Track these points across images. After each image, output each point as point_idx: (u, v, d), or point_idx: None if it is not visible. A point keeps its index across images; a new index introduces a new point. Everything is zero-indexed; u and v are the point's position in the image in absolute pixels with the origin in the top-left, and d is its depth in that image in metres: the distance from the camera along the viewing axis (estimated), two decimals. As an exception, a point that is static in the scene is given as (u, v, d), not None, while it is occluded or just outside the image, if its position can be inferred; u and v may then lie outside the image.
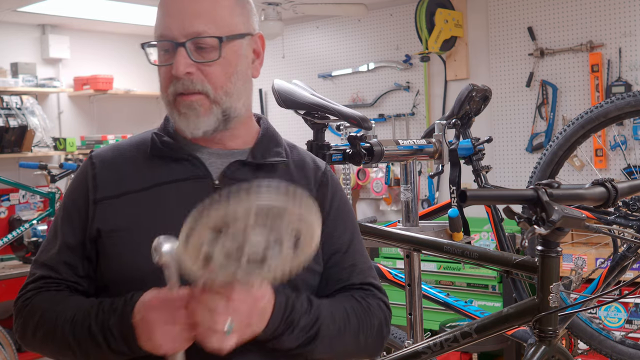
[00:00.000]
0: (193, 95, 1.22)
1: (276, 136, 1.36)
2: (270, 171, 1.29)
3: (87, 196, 1.25)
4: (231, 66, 1.24)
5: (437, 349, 1.67)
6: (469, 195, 1.40)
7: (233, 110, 1.25)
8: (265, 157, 1.29)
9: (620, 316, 3.28)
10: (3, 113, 4.59)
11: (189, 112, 1.23)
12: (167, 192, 1.24)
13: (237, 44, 1.25)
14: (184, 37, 1.20)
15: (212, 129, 1.24)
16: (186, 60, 1.20)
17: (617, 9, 3.77)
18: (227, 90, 1.24)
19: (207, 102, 1.23)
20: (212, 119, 1.23)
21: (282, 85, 2.02)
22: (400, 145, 1.91)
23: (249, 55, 1.29)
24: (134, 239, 1.20)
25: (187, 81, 1.21)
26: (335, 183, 1.37)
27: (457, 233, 1.93)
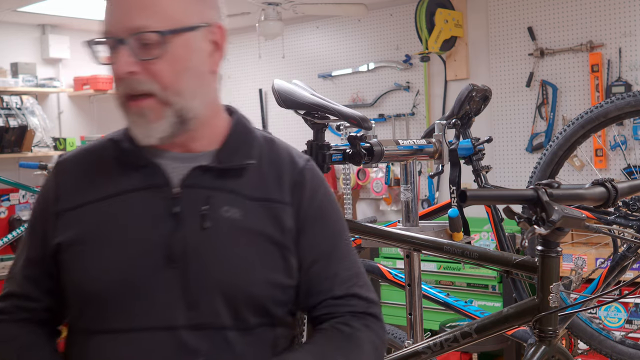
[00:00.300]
0: (142, 100, 1.12)
1: (248, 133, 1.24)
2: (237, 175, 1.18)
3: (48, 208, 1.19)
4: (181, 62, 1.13)
5: (437, 349, 1.67)
6: (469, 195, 1.40)
7: (188, 110, 1.14)
8: (232, 160, 1.18)
9: (620, 316, 3.28)
10: (3, 113, 4.59)
11: (139, 119, 1.13)
12: (124, 203, 1.15)
13: (188, 37, 1.14)
14: (126, 33, 1.10)
15: (167, 134, 1.14)
16: (128, 58, 1.10)
17: (617, 9, 3.77)
18: (177, 90, 1.13)
19: (157, 105, 1.12)
20: (165, 123, 1.13)
21: (282, 85, 2.01)
22: (400, 145, 1.91)
23: (205, 48, 1.17)
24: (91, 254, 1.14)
25: (132, 81, 1.11)
26: (316, 181, 1.25)
27: (457, 233, 1.93)
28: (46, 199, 1.21)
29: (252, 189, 1.18)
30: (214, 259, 1.13)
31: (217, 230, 1.13)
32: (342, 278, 1.21)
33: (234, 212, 1.15)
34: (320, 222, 1.22)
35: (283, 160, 1.23)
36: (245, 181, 1.18)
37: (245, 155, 1.20)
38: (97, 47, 1.16)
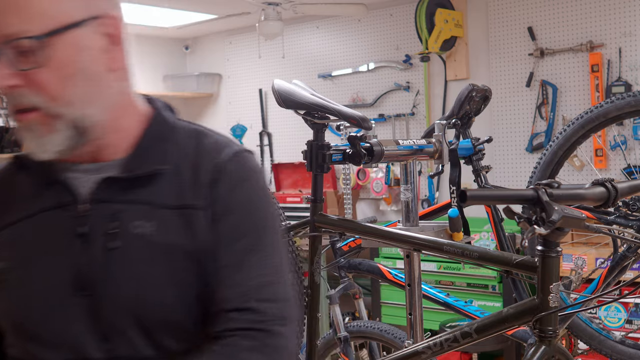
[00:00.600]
0: (27, 114, 0.99)
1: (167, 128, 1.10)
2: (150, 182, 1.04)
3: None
4: (68, 67, 0.98)
5: (437, 349, 1.67)
6: (469, 195, 1.40)
7: (84, 119, 1.01)
8: (143, 167, 1.05)
9: (620, 316, 3.27)
10: (3, 113, 4.59)
11: (28, 134, 1.01)
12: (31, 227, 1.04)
13: (73, 35, 0.98)
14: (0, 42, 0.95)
15: (64, 147, 1.01)
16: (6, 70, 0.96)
17: (617, 9, 3.77)
18: (67, 99, 0.99)
19: (45, 118, 0.99)
20: (59, 137, 1.00)
21: (282, 85, 2.02)
22: (400, 145, 1.91)
23: (97, 44, 1.01)
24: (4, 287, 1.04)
25: (15, 95, 0.98)
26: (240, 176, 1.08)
27: (457, 233, 1.93)
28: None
29: (168, 195, 1.05)
30: (124, 283, 1.01)
31: (126, 249, 1.02)
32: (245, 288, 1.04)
33: (146, 227, 1.02)
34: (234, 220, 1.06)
35: (205, 157, 1.08)
36: (160, 188, 1.05)
37: (160, 158, 1.06)
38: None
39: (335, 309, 2.48)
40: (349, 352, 2.44)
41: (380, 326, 2.50)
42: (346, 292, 2.53)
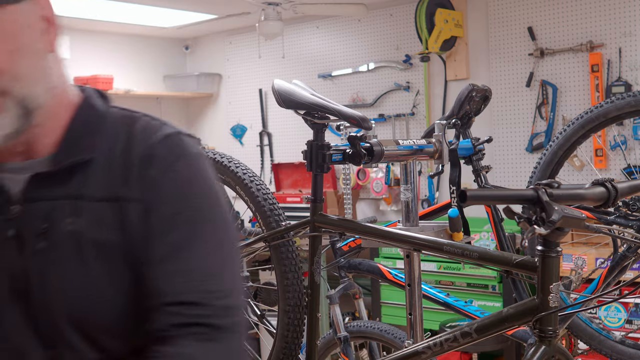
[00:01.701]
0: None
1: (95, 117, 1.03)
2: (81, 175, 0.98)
3: None
4: (12, 39, 0.93)
5: (437, 349, 1.67)
6: (469, 195, 1.40)
7: (32, 99, 0.95)
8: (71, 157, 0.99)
9: (620, 316, 3.28)
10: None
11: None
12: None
13: (12, 11, 0.93)
14: None
15: (12, 129, 0.95)
16: None
17: (617, 9, 3.77)
18: (14, 74, 0.93)
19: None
20: (7, 117, 0.94)
21: (282, 85, 2.02)
22: (400, 145, 1.91)
23: (36, 24, 0.97)
24: None
25: None
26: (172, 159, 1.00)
27: (457, 233, 1.93)
28: None
29: (99, 187, 0.99)
30: (56, 285, 0.96)
31: (58, 249, 0.96)
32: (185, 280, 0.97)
33: (78, 223, 0.97)
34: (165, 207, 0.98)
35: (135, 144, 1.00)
36: (91, 180, 0.99)
37: (87, 149, 1.00)
38: None
39: (335, 309, 2.48)
40: (349, 352, 2.44)
41: (380, 326, 2.50)
42: (346, 292, 2.53)
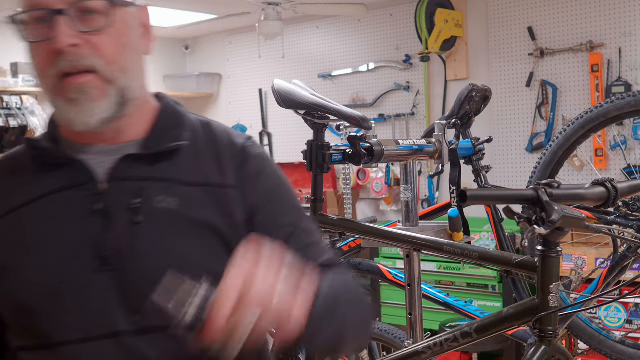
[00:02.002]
0: (82, 76, 1.02)
1: (178, 115, 1.15)
2: (170, 160, 1.09)
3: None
4: (123, 37, 1.05)
5: (437, 349, 1.67)
6: (469, 195, 1.40)
7: (130, 91, 1.06)
8: (161, 144, 1.09)
9: (620, 316, 3.28)
10: (3, 113, 4.59)
11: (80, 96, 1.02)
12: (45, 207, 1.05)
13: (126, 12, 1.06)
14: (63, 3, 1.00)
15: (109, 115, 1.04)
16: (69, 30, 1.00)
17: (617, 9, 3.77)
18: (121, 66, 1.04)
19: (100, 82, 1.02)
20: (107, 102, 1.04)
21: (282, 85, 2.02)
22: (400, 145, 1.91)
23: (137, 28, 1.10)
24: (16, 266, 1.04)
25: (72, 56, 1.00)
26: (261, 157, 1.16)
27: (457, 233, 1.93)
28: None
29: (188, 173, 1.09)
30: (151, 256, 1.04)
31: (152, 224, 1.05)
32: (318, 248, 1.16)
33: (170, 201, 1.06)
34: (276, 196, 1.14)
35: (221, 141, 1.14)
36: (180, 166, 1.09)
37: (176, 137, 1.11)
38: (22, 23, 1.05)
39: (335, 309, 2.47)
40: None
41: (380, 326, 2.50)
42: (346, 292, 2.52)
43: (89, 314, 1.03)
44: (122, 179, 1.06)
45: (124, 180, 1.06)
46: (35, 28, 1.04)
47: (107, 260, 1.03)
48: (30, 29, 1.04)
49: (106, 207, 1.05)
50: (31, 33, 1.05)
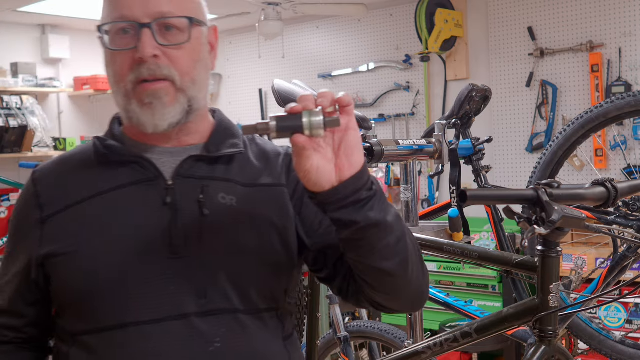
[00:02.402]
0: (158, 83, 1.13)
1: (231, 127, 1.27)
2: (227, 164, 1.21)
3: (31, 217, 1.18)
4: (196, 53, 1.17)
5: (437, 349, 1.67)
6: (469, 195, 1.40)
7: (196, 101, 1.18)
8: (220, 150, 1.21)
9: (620, 316, 3.28)
10: (3, 113, 4.60)
11: (155, 101, 1.13)
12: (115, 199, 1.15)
13: (200, 30, 1.19)
14: (149, 18, 1.12)
15: (176, 120, 1.15)
16: (152, 42, 1.11)
17: (617, 9, 3.77)
18: (193, 78, 1.16)
19: (173, 90, 1.14)
20: (178, 109, 1.15)
21: (282, 85, 2.01)
22: (400, 145, 1.91)
23: (207, 45, 1.22)
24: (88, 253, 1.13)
25: (153, 65, 1.12)
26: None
27: (457, 233, 1.93)
28: (26, 210, 1.20)
29: (243, 176, 1.21)
30: (217, 246, 1.14)
31: (216, 216, 1.15)
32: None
33: (229, 199, 1.17)
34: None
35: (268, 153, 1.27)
36: (236, 169, 1.21)
37: (233, 145, 1.23)
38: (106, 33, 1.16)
39: (335, 309, 2.48)
40: (349, 352, 2.44)
41: (380, 326, 2.50)
42: (346, 292, 2.52)
43: (160, 297, 1.11)
44: (185, 177, 1.17)
45: (187, 177, 1.17)
46: (117, 38, 1.14)
47: (177, 248, 1.13)
48: (112, 38, 1.15)
49: (174, 201, 1.15)
50: (113, 42, 1.15)
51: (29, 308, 1.21)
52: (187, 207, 1.15)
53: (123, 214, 1.14)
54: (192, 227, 1.14)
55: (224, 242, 1.15)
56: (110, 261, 1.12)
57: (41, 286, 1.18)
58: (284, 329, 1.21)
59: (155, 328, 1.10)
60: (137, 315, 1.11)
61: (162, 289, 1.12)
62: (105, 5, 1.17)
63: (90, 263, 1.12)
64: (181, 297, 1.12)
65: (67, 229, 1.15)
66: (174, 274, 1.12)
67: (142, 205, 1.15)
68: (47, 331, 1.24)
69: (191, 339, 1.11)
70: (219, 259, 1.14)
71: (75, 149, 1.27)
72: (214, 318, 1.12)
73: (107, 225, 1.14)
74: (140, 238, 1.13)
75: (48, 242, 1.15)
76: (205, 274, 1.13)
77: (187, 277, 1.12)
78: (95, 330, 1.13)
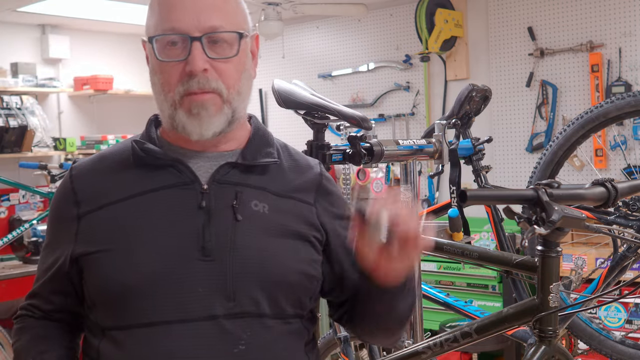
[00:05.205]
0: (206, 94, 1.16)
1: (267, 136, 1.30)
2: (261, 173, 1.24)
3: (68, 213, 1.21)
4: (242, 64, 1.21)
5: (437, 349, 1.67)
6: (469, 195, 1.40)
7: (239, 111, 1.22)
8: (256, 158, 1.24)
9: (620, 316, 3.28)
10: (3, 113, 4.59)
11: (202, 111, 1.16)
12: (151, 201, 1.18)
13: (246, 42, 1.22)
14: (199, 32, 1.14)
15: (220, 129, 1.19)
16: (203, 55, 1.15)
17: (617, 9, 3.77)
18: (238, 90, 1.20)
19: (220, 101, 1.18)
20: (223, 119, 1.19)
21: (282, 85, 2.01)
22: (400, 145, 1.91)
23: (250, 55, 1.26)
24: (123, 251, 1.15)
25: (202, 78, 1.15)
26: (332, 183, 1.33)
27: (457, 233, 1.93)
28: (64, 205, 1.23)
29: (276, 185, 1.24)
30: (249, 251, 1.16)
31: (249, 223, 1.18)
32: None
33: (262, 206, 1.20)
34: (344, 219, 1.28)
35: (300, 163, 1.30)
36: (269, 178, 1.24)
37: (268, 154, 1.26)
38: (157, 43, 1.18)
39: (335, 309, 2.47)
40: (349, 352, 2.44)
41: (380, 326, 2.50)
42: (346, 292, 2.52)
43: (191, 298, 1.13)
44: (221, 182, 1.20)
45: (222, 183, 1.20)
46: (167, 48, 1.17)
47: (209, 251, 1.15)
48: (161, 48, 1.17)
49: (209, 205, 1.17)
50: (162, 52, 1.17)
51: (60, 297, 1.24)
52: (221, 211, 1.17)
53: (158, 216, 1.17)
54: (224, 231, 1.16)
55: (256, 247, 1.17)
56: (142, 261, 1.14)
57: (74, 280, 1.21)
58: (307, 335, 1.25)
59: (183, 328, 1.13)
60: (166, 314, 1.13)
61: (192, 290, 1.13)
62: (153, 15, 1.20)
63: (123, 263, 1.15)
64: (210, 299, 1.14)
65: (102, 227, 1.18)
66: (205, 276, 1.14)
67: (178, 208, 1.17)
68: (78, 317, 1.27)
69: (217, 340, 1.13)
70: (250, 264, 1.16)
71: (115, 146, 1.29)
72: (241, 321, 1.14)
73: (140, 227, 1.16)
74: (173, 240, 1.15)
75: (83, 239, 1.18)
76: (235, 277, 1.15)
77: (216, 280, 1.14)
78: (125, 326, 1.15)
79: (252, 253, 1.17)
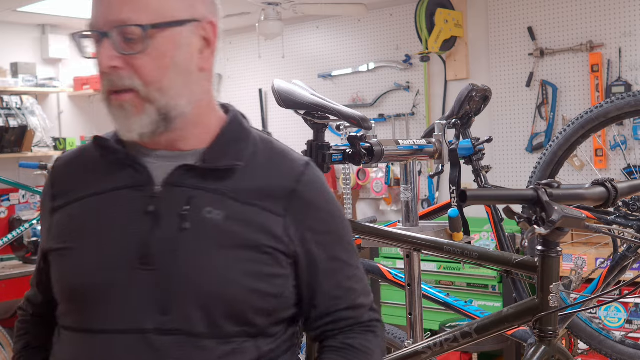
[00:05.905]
0: (123, 95, 1.09)
1: (241, 131, 1.19)
2: (223, 175, 1.13)
3: (46, 205, 1.20)
4: (165, 58, 1.09)
5: (437, 349, 1.67)
6: (469, 195, 1.40)
7: (172, 108, 1.10)
8: (219, 160, 1.13)
9: (620, 316, 3.28)
10: (3, 113, 4.59)
11: (119, 112, 1.10)
12: (106, 201, 1.13)
13: (174, 32, 1.09)
14: (109, 27, 1.07)
15: (148, 130, 1.10)
16: (110, 52, 1.07)
17: (617, 9, 3.77)
18: (160, 87, 1.09)
19: (138, 100, 1.09)
20: (146, 119, 1.09)
21: (282, 85, 2.01)
22: (400, 145, 1.91)
23: (194, 44, 1.12)
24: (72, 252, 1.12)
25: (114, 76, 1.08)
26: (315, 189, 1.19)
27: (457, 233, 1.93)
28: (44, 198, 1.23)
29: (239, 191, 1.13)
30: (192, 263, 1.08)
31: (197, 232, 1.09)
32: (347, 289, 1.20)
33: (216, 213, 1.10)
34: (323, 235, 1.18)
35: (278, 165, 1.18)
36: (232, 183, 1.13)
37: (235, 156, 1.15)
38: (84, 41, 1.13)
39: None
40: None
41: (380, 326, 2.50)
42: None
43: (124, 308, 1.08)
44: (175, 185, 1.12)
45: (177, 186, 1.12)
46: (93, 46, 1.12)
47: (149, 260, 1.08)
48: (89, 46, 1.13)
49: (157, 210, 1.10)
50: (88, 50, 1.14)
51: (43, 290, 1.25)
52: (169, 218, 1.10)
53: (108, 217, 1.11)
54: (169, 239, 1.09)
55: (200, 260, 1.08)
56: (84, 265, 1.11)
57: (48, 274, 1.19)
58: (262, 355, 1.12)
59: (116, 339, 1.07)
60: (103, 323, 1.09)
61: (128, 300, 1.08)
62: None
63: (70, 264, 1.13)
64: (143, 311, 1.07)
65: (65, 224, 1.15)
66: (141, 286, 1.08)
67: (127, 211, 1.11)
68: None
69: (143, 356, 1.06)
70: (191, 277, 1.07)
71: (86, 145, 1.25)
72: (173, 338, 1.06)
73: (90, 229, 1.12)
74: (116, 245, 1.10)
75: (52, 234, 1.17)
76: (173, 291, 1.07)
77: (152, 291, 1.07)
78: (64, 327, 1.15)
79: (193, 265, 1.08)
